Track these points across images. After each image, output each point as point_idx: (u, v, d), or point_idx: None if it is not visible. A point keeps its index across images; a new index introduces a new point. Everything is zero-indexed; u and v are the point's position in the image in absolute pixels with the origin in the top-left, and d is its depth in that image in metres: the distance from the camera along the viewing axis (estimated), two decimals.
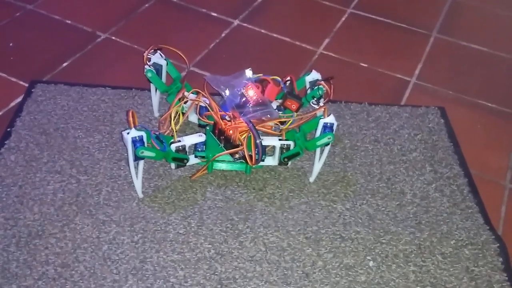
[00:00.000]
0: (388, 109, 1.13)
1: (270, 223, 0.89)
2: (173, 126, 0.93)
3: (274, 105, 1.00)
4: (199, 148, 0.94)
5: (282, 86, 0.99)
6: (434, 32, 1.40)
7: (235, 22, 1.37)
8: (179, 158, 0.92)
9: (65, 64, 1.19)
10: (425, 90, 1.22)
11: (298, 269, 0.83)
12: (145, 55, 1.00)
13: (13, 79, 1.14)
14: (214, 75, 1.01)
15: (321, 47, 1.31)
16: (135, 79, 1.14)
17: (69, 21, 1.31)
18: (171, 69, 1.03)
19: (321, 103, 1.03)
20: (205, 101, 0.96)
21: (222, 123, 0.91)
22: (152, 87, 1.03)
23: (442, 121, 1.11)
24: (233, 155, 0.93)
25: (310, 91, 1.02)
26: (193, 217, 0.89)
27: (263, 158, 0.91)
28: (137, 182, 0.90)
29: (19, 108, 1.06)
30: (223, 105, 0.96)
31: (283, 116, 0.98)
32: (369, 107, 1.13)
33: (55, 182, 0.92)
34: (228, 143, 0.92)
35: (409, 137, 1.07)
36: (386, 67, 1.27)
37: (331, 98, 1.00)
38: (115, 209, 0.89)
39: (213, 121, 0.94)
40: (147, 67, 0.99)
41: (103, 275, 0.80)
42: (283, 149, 0.93)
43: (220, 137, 0.93)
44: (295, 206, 0.92)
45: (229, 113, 0.93)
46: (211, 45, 1.28)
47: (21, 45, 1.24)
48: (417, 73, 1.26)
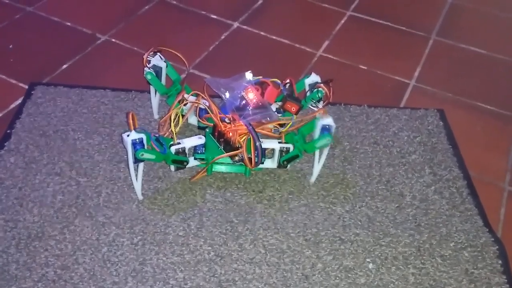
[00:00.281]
0: (387, 111, 1.13)
1: (269, 225, 0.89)
2: (172, 128, 0.93)
3: (273, 108, 1.00)
4: (198, 150, 0.94)
5: (281, 88, 0.99)
6: (433, 34, 1.40)
7: (235, 24, 1.37)
8: (179, 160, 0.92)
9: (65, 66, 1.19)
10: (424, 92, 1.22)
11: (297, 271, 0.83)
12: (144, 57, 1.00)
13: (13, 81, 1.14)
14: (214, 77, 1.01)
15: (321, 50, 1.31)
16: (135, 81, 1.14)
17: (69, 23, 1.32)
18: (170, 71, 1.03)
19: (320, 105, 1.03)
20: (204, 103, 0.96)
21: (221, 125, 0.91)
22: (151, 89, 1.03)
23: (441, 123, 1.11)
24: (232, 158, 0.93)
25: (309, 93, 1.02)
26: (192, 219, 0.89)
27: (262, 160, 0.91)
28: (136, 184, 0.90)
29: (19, 110, 1.06)
30: (222, 107, 0.97)
31: (282, 118, 0.98)
32: (369, 109, 1.13)
33: (55, 184, 0.92)
34: (227, 145, 0.92)
35: (408, 139, 1.07)
36: (385, 70, 1.27)
37: (330, 100, 1.00)
38: (114, 211, 0.89)
39: (212, 123, 0.94)
40: (146, 69, 0.99)
41: (103, 277, 0.80)
42: (283, 151, 0.93)
43: (219, 139, 0.93)
44: (294, 208, 0.92)
45: (229, 116, 0.93)
46: (211, 47, 1.29)
47: (21, 47, 1.24)
48: (416, 75, 1.26)
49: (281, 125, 0.98)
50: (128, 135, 0.85)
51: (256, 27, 1.36)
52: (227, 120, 0.92)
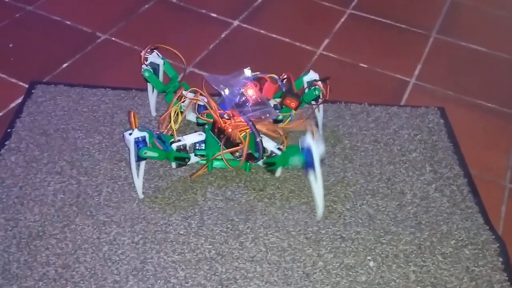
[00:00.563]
0: (387, 109, 1.13)
1: (270, 224, 0.89)
2: (172, 125, 0.93)
3: (271, 103, 1.00)
4: (198, 146, 0.94)
5: (279, 84, 0.99)
6: (433, 32, 1.40)
7: (235, 22, 1.37)
8: (181, 157, 0.92)
9: (65, 65, 1.19)
10: (424, 90, 1.22)
11: (298, 269, 0.83)
12: (142, 54, 1.00)
13: (13, 80, 1.14)
14: (213, 74, 1.01)
15: (321, 48, 1.31)
16: (135, 80, 1.14)
17: (69, 22, 1.32)
18: (168, 68, 1.03)
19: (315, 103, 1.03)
20: (203, 100, 0.96)
21: (221, 121, 0.92)
22: (149, 87, 1.03)
23: (441, 121, 1.11)
24: (233, 154, 0.93)
25: (307, 91, 1.02)
26: (193, 218, 0.89)
27: (263, 156, 0.91)
28: (138, 182, 0.90)
29: (19, 109, 1.06)
30: (221, 103, 0.97)
31: (281, 115, 0.99)
32: (369, 107, 1.13)
33: (56, 183, 0.92)
34: (228, 141, 0.92)
35: (409, 137, 1.07)
36: (385, 68, 1.27)
37: (327, 98, 1.00)
38: (115, 210, 0.89)
39: (211, 120, 0.94)
40: (144, 67, 0.99)
41: (104, 275, 0.80)
42: (271, 155, 0.93)
43: (219, 135, 0.93)
44: (295, 206, 0.92)
45: (228, 112, 0.93)
46: (211, 45, 1.29)
47: (21, 46, 1.24)
48: (416, 73, 1.26)
49: (278, 121, 0.99)
50: (130, 134, 0.85)
51: (256, 26, 1.36)
52: (226, 116, 0.92)
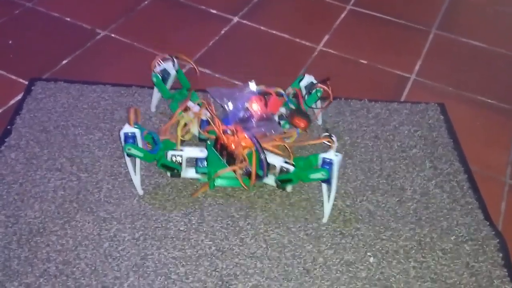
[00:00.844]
0: (388, 105, 1.13)
1: (270, 220, 0.89)
2: (178, 133, 0.91)
3: (276, 117, 0.98)
4: (200, 164, 0.91)
5: (285, 98, 0.97)
6: (433, 28, 1.40)
7: (235, 19, 1.37)
8: (168, 166, 0.90)
9: (64, 61, 1.19)
10: (424, 86, 1.22)
11: (299, 265, 0.83)
12: (156, 62, 0.99)
13: (13, 77, 1.14)
14: (216, 87, 0.99)
15: (321, 44, 1.31)
16: (135, 77, 1.14)
17: (68, 19, 1.31)
18: (182, 79, 1.03)
19: (319, 105, 1.03)
20: (206, 114, 0.94)
21: (224, 137, 0.89)
22: (154, 93, 1.04)
23: (441, 117, 1.11)
24: (236, 171, 0.89)
25: (307, 96, 1.01)
26: (193, 214, 0.89)
27: (267, 174, 0.89)
28: (135, 178, 0.90)
29: (19, 106, 1.06)
30: (225, 118, 0.94)
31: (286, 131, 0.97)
32: (369, 103, 1.13)
33: (56, 179, 0.92)
34: (230, 158, 0.89)
35: (409, 133, 1.07)
36: (385, 64, 1.27)
37: (331, 100, 1.00)
38: (115, 207, 0.89)
39: (214, 136, 0.92)
40: (153, 72, 0.98)
41: (105, 272, 0.80)
42: (282, 171, 0.90)
43: (222, 152, 0.91)
44: (295, 203, 0.93)
45: (231, 127, 0.90)
46: (211, 42, 1.28)
47: (20, 43, 1.24)
48: (416, 69, 1.26)
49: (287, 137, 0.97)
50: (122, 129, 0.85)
51: (256, 22, 1.36)
52: (229, 132, 0.90)
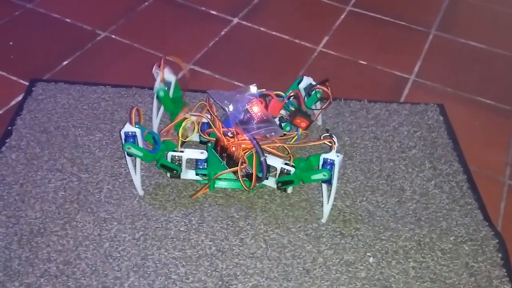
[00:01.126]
0: (387, 106, 1.13)
1: (270, 220, 0.90)
2: (180, 134, 0.91)
3: (277, 120, 0.97)
4: (200, 165, 0.91)
5: (286, 101, 0.97)
6: (433, 29, 1.40)
7: (235, 20, 1.37)
8: (168, 167, 0.90)
9: (65, 62, 1.19)
10: (424, 87, 1.22)
11: (298, 265, 0.84)
12: (159, 76, 0.95)
13: (13, 77, 1.15)
14: (217, 89, 0.98)
15: (321, 45, 1.32)
16: (136, 77, 1.14)
17: (68, 20, 1.32)
18: (176, 88, 0.99)
19: (318, 106, 1.03)
20: (207, 117, 0.94)
21: (224, 139, 0.89)
22: (155, 104, 0.98)
23: (441, 118, 1.12)
24: (236, 173, 0.89)
25: (307, 97, 1.01)
26: (194, 215, 0.89)
27: (267, 176, 0.89)
28: (135, 178, 0.90)
29: (20, 106, 1.06)
30: (225, 120, 0.94)
31: (287, 133, 0.97)
32: (369, 104, 1.13)
33: (56, 180, 0.93)
34: (231, 160, 0.89)
35: (409, 134, 1.07)
36: (385, 65, 1.27)
37: (331, 101, 1.00)
38: (116, 207, 0.89)
39: (215, 138, 0.92)
40: (158, 86, 0.94)
41: (105, 272, 0.81)
42: (283, 172, 0.90)
43: (222, 154, 0.91)
44: (295, 203, 0.93)
45: (232, 130, 0.90)
46: (211, 43, 1.29)
47: (21, 44, 1.24)
48: (416, 70, 1.27)
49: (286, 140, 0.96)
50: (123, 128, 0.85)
51: (256, 23, 1.36)
52: (229, 134, 0.90)
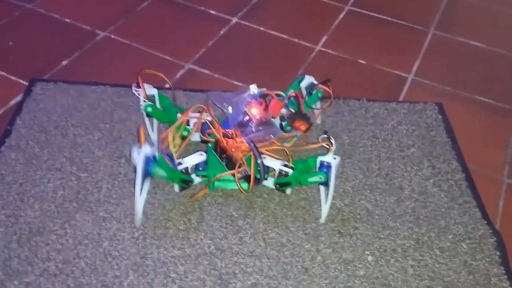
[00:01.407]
0: (386, 105, 1.13)
1: (269, 219, 0.90)
2: (172, 148, 0.90)
3: (277, 120, 0.97)
4: (200, 167, 0.91)
5: (286, 101, 0.97)
6: (431, 28, 1.40)
7: (234, 19, 1.37)
8: (186, 180, 0.89)
9: (64, 62, 1.20)
10: (423, 86, 1.22)
11: (297, 264, 0.84)
12: (141, 93, 0.94)
13: (12, 77, 1.15)
14: (217, 91, 0.98)
15: (319, 44, 1.32)
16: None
17: (68, 20, 1.32)
18: (161, 97, 0.97)
19: (319, 105, 1.03)
20: (206, 118, 0.93)
21: (224, 141, 0.89)
22: (147, 122, 0.97)
23: (440, 117, 1.12)
24: (234, 175, 0.89)
25: (308, 96, 1.01)
26: (193, 213, 0.90)
27: (265, 177, 0.89)
28: (139, 203, 0.85)
29: (19, 106, 1.06)
30: (225, 122, 0.94)
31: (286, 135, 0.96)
32: (368, 103, 1.13)
33: (56, 179, 0.93)
34: (230, 162, 0.90)
35: (407, 133, 1.07)
36: (384, 64, 1.27)
37: (332, 101, 1.00)
38: (115, 206, 0.90)
39: (215, 139, 0.92)
40: (144, 103, 0.93)
41: (104, 271, 0.81)
42: (281, 174, 0.91)
43: (221, 155, 0.91)
44: (294, 202, 0.93)
45: (232, 131, 0.90)
46: (210, 42, 1.29)
47: (20, 44, 1.24)
48: (415, 69, 1.27)
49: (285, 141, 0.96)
50: (139, 149, 0.81)
51: (255, 23, 1.36)
52: (230, 135, 0.90)
